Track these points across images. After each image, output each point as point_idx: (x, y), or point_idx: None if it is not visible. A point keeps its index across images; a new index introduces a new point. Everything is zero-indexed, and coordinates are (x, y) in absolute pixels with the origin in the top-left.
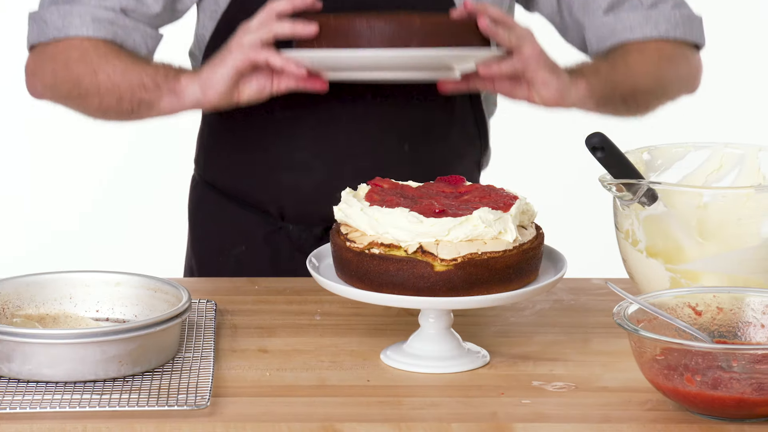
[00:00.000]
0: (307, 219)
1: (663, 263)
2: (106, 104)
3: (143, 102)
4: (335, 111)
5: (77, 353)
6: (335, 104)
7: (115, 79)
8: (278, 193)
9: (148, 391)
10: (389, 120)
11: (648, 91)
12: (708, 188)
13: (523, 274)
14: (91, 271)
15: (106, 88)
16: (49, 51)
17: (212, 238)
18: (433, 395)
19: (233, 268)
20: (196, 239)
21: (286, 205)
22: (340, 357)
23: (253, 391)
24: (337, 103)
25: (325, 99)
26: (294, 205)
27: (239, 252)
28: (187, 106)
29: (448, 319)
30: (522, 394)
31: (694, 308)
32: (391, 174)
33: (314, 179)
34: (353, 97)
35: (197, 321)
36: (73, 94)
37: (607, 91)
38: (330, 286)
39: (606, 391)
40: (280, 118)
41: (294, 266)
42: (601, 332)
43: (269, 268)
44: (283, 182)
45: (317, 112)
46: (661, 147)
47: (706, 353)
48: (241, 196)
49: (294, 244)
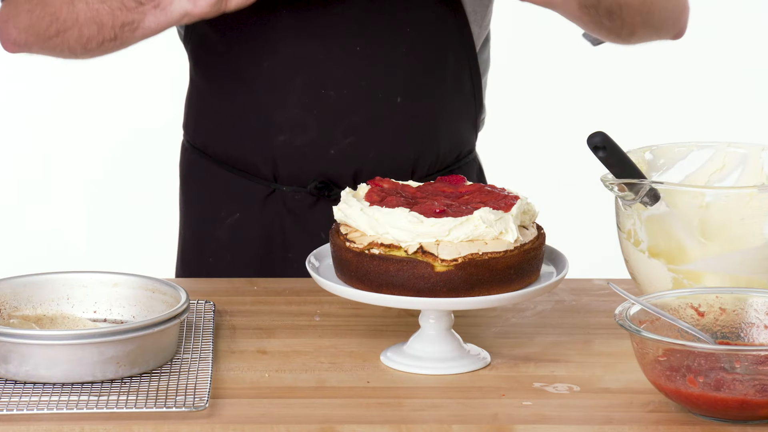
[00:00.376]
0: (301, 178)
1: (665, 263)
2: (86, 35)
3: (126, 24)
4: (324, 65)
5: (75, 354)
6: (324, 58)
7: (93, 5)
8: (271, 153)
9: (146, 392)
10: (380, 72)
11: (634, 7)
12: (711, 188)
13: (524, 275)
14: (88, 272)
15: (85, 17)
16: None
17: (205, 207)
18: (434, 397)
19: (228, 236)
20: (188, 210)
21: (279, 165)
22: (340, 358)
23: (251, 392)
24: (326, 57)
25: (314, 53)
26: (287, 164)
27: (234, 219)
28: (174, 20)
29: (448, 320)
30: (523, 396)
31: (696, 309)
32: (385, 128)
33: (307, 136)
34: (343, 51)
35: (196, 322)
36: (51, 31)
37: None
38: (329, 287)
39: (608, 393)
40: (270, 76)
41: (285, 233)
42: (603, 333)
43: (263, 236)
44: (275, 141)
45: (307, 67)
46: (664, 146)
47: (709, 354)
48: (233, 160)
49: (287, 208)
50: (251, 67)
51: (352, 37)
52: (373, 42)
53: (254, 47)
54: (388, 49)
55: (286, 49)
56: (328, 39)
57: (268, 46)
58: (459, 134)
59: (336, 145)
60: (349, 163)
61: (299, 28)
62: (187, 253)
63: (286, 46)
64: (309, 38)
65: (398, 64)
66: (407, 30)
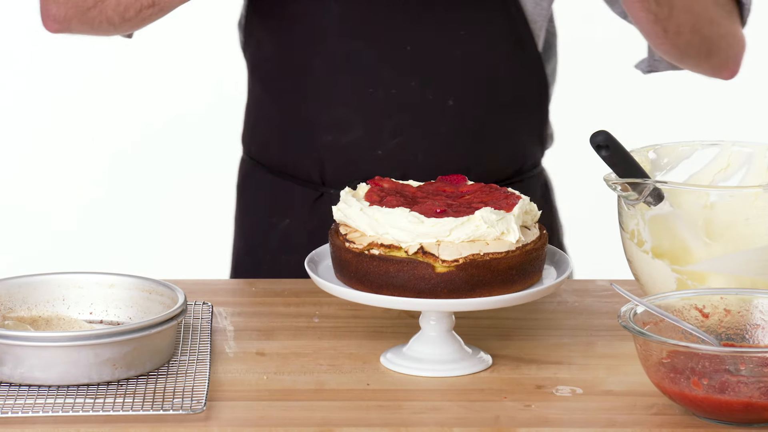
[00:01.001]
0: (348, 180)
1: (669, 264)
2: (124, 2)
3: None
4: (373, 64)
5: (70, 356)
6: (372, 57)
7: None
8: (318, 154)
9: (143, 395)
10: (431, 73)
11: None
12: (715, 187)
13: (526, 276)
14: (84, 273)
15: None
16: None
17: (258, 216)
18: (434, 399)
19: (278, 243)
20: (242, 221)
21: (326, 167)
22: (339, 360)
23: (250, 395)
24: (375, 55)
25: (362, 52)
26: (334, 165)
27: (284, 225)
28: None
29: (449, 322)
30: (525, 398)
31: (701, 310)
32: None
33: (353, 135)
34: (393, 50)
35: (193, 323)
36: (89, 1)
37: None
38: (329, 288)
39: (611, 395)
40: (318, 74)
41: None
42: (606, 335)
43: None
44: (322, 141)
45: (355, 65)
46: (668, 145)
47: (713, 356)
48: (283, 166)
49: None
50: (300, 66)
51: (403, 37)
52: (424, 42)
53: (305, 47)
54: (440, 51)
55: (334, 47)
56: (378, 37)
57: (318, 45)
58: (519, 146)
59: (383, 145)
60: (396, 165)
61: (348, 26)
62: (241, 265)
63: (335, 43)
64: (357, 36)
65: (450, 66)
66: (461, 33)
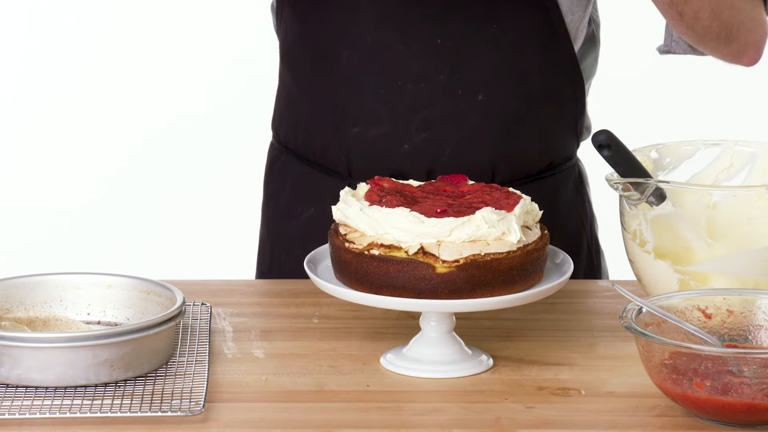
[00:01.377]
0: (375, 173)
1: (671, 264)
2: None
3: None
4: (403, 57)
5: (68, 357)
6: (403, 49)
7: None
8: (345, 145)
9: (141, 396)
10: (461, 67)
11: (715, 15)
12: (718, 187)
13: (527, 276)
14: (82, 273)
15: None
16: None
17: (284, 203)
18: (435, 401)
19: (301, 232)
20: (268, 207)
21: (353, 158)
22: (339, 361)
23: (249, 396)
24: (405, 48)
25: (392, 44)
26: (361, 157)
27: (308, 214)
28: None
29: (450, 323)
30: (526, 400)
31: (703, 311)
32: (463, 126)
33: (380, 128)
34: (423, 43)
35: (191, 324)
36: None
37: None
38: (328, 289)
39: (613, 397)
40: (348, 65)
41: None
42: (608, 336)
43: None
44: (350, 132)
45: (385, 58)
46: (670, 145)
47: (716, 357)
48: (311, 154)
49: None
50: (330, 56)
51: (434, 29)
52: (455, 35)
53: (334, 36)
54: (471, 45)
55: (365, 39)
56: (408, 30)
57: (348, 35)
58: (551, 140)
59: (410, 139)
60: (423, 159)
61: (380, 17)
62: (264, 252)
63: (365, 34)
64: (388, 28)
65: (481, 60)
66: (494, 26)
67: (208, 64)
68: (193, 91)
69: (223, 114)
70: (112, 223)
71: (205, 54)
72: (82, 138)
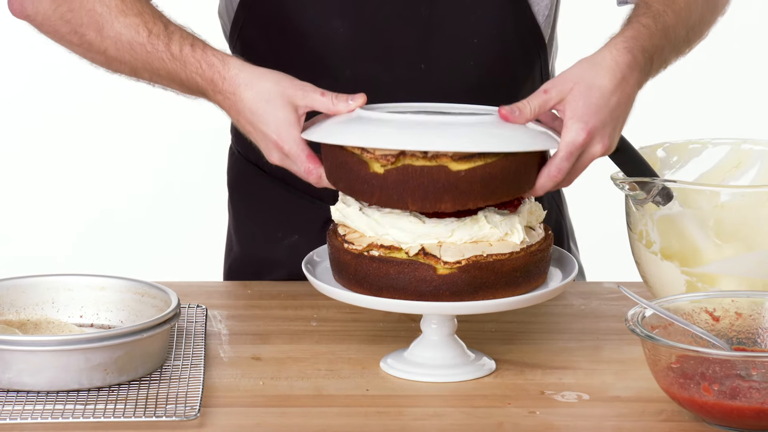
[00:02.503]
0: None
1: (678, 266)
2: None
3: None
4: (386, 86)
5: (60, 361)
6: (385, 78)
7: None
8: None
9: (135, 401)
10: (446, 87)
11: (699, 23)
12: (726, 187)
13: (530, 278)
14: (74, 275)
15: (114, 57)
16: None
17: (260, 226)
18: (436, 405)
19: (286, 258)
20: (239, 225)
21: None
22: (338, 365)
23: (245, 401)
24: (389, 76)
25: (373, 74)
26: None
27: (292, 241)
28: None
29: (451, 325)
30: (530, 405)
31: (711, 313)
32: None
33: None
34: (407, 70)
35: (186, 327)
36: (72, 40)
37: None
38: (327, 290)
39: (618, 401)
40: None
41: None
42: (614, 339)
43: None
44: None
45: (365, 89)
46: (677, 143)
47: (724, 361)
48: (291, 180)
49: None
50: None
51: (415, 56)
52: (437, 58)
53: (309, 65)
54: (455, 64)
55: (342, 70)
56: (389, 59)
57: (323, 63)
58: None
59: None
60: None
61: (359, 47)
62: (236, 272)
63: (342, 66)
64: (371, 59)
65: (467, 76)
66: (474, 41)
67: None
68: None
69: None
70: (105, 223)
71: None
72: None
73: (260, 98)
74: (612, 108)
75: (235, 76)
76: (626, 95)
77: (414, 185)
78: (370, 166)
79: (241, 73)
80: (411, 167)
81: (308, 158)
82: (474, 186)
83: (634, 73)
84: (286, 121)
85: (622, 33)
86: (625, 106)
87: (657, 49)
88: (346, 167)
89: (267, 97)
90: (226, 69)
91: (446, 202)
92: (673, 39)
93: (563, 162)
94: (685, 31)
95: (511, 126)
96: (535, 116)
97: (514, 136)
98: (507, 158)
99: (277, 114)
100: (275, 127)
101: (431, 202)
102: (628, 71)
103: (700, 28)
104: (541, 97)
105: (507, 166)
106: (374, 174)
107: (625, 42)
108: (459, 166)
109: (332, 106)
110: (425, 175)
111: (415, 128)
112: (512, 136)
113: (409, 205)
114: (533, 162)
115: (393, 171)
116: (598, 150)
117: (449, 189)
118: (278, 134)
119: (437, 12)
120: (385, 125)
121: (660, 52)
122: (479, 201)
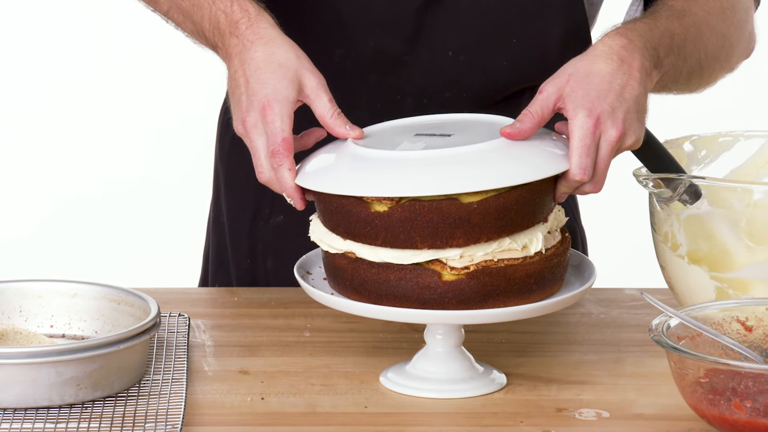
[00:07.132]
0: None
1: (707, 271)
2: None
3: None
4: (405, 69)
5: (28, 375)
6: (407, 60)
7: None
8: None
9: (111, 419)
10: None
11: (715, 55)
12: (760, 184)
13: (545, 284)
14: (44, 281)
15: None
16: None
17: (246, 200)
18: (441, 424)
19: (272, 239)
20: (225, 196)
21: None
22: (334, 379)
23: (232, 419)
24: (409, 59)
25: (395, 54)
26: None
27: (278, 221)
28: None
29: (458, 336)
30: (544, 423)
31: (743, 323)
32: None
33: None
34: (432, 55)
35: (167, 338)
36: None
37: (675, 70)
38: (321, 298)
39: (641, 419)
40: (340, 68)
41: None
42: (636, 351)
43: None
44: None
45: (384, 68)
46: (706, 136)
47: (758, 375)
48: None
49: None
50: (321, 56)
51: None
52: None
53: (326, 38)
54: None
55: (362, 45)
56: (413, 40)
57: (341, 37)
58: None
59: None
60: None
61: (379, 26)
62: (221, 253)
63: (364, 41)
64: (391, 37)
65: (495, 76)
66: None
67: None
68: (184, 92)
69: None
70: (79, 226)
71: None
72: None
73: (274, 59)
74: (618, 91)
75: (263, 29)
76: (633, 78)
77: (422, 222)
78: (371, 207)
79: (270, 29)
80: (418, 203)
81: (283, 142)
82: (488, 219)
83: (635, 56)
84: (285, 91)
85: (615, 26)
86: (635, 89)
87: (661, 44)
88: (344, 210)
89: (281, 61)
90: (258, 20)
91: (458, 239)
92: (680, 46)
93: (583, 159)
94: (695, 48)
95: (522, 149)
96: (540, 120)
97: (527, 160)
98: (522, 185)
99: (281, 81)
100: (272, 90)
101: (442, 239)
102: (625, 53)
103: (714, 61)
104: (539, 99)
105: (522, 194)
106: (377, 213)
107: (617, 29)
108: (471, 198)
109: (329, 118)
110: (434, 210)
111: (419, 168)
112: (525, 161)
113: (418, 243)
114: (549, 187)
115: (398, 208)
116: (613, 135)
117: (461, 224)
118: (269, 100)
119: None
120: (386, 167)
121: (667, 49)
122: (493, 235)
